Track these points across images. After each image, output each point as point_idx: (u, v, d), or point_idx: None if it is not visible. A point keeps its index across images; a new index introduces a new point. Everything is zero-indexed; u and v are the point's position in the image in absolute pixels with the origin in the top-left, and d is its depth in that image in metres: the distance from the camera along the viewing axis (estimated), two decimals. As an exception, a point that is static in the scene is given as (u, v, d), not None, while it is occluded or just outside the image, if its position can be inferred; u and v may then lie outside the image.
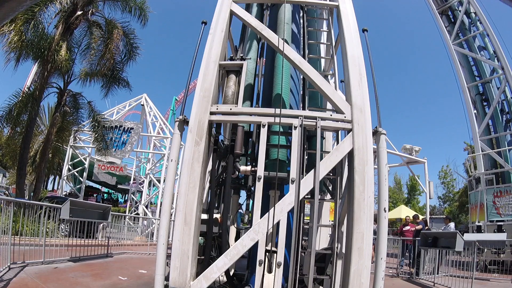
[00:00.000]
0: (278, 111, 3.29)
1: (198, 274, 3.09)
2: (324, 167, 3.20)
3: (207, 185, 3.98)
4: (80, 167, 17.43)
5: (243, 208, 5.15)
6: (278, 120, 3.28)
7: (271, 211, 3.03)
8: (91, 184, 27.47)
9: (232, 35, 5.17)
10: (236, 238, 4.88)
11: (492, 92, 15.10)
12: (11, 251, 5.54)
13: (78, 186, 17.70)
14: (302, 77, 4.74)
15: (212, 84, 3.46)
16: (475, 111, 15.37)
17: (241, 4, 4.30)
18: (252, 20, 4.09)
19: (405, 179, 33.85)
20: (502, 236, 10.49)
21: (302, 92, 4.82)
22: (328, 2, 4.42)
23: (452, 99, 62.64)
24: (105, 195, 31.70)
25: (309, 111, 3.81)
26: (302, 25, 5.45)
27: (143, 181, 19.96)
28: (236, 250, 3.04)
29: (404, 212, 19.96)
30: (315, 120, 3.35)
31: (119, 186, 27.73)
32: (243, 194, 5.14)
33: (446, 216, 16.61)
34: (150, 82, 73.92)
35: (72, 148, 16.67)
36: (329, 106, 4.50)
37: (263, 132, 3.33)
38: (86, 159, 17.40)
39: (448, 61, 16.43)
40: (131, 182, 21.49)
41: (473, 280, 7.41)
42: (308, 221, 3.95)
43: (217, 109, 3.45)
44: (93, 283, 5.41)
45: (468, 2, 15.82)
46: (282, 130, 3.67)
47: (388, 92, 61.25)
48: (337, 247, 3.58)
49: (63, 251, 6.84)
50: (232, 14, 4.03)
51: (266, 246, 3.16)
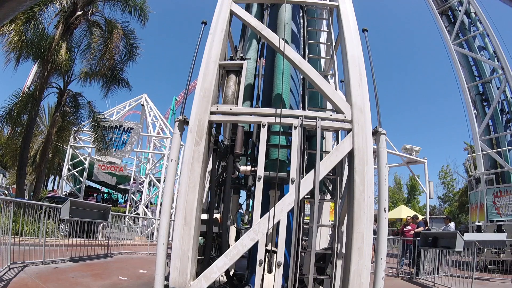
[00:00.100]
0: (278, 111, 3.28)
1: (198, 274, 3.09)
2: (324, 167, 3.20)
3: (207, 185, 3.97)
4: (80, 167, 17.44)
5: (243, 208, 5.15)
6: (278, 120, 3.28)
7: (271, 211, 3.02)
8: (91, 184, 27.49)
9: (232, 35, 5.16)
10: (236, 238, 4.87)
11: (492, 92, 15.11)
12: (11, 251, 5.54)
13: (78, 186, 17.72)
14: (302, 77, 4.73)
15: (212, 84, 3.46)
16: (475, 111, 15.37)
17: (241, 4, 4.29)
18: (252, 20, 4.08)
19: (405, 179, 33.99)
20: (502, 236, 10.49)
21: (302, 92, 4.81)
22: (328, 2, 4.41)
23: (452, 99, 62.65)
24: (105, 195, 31.71)
25: (309, 111, 3.79)
26: (302, 25, 5.44)
27: (143, 181, 19.97)
28: (236, 250, 3.03)
29: (404, 212, 19.99)
30: (315, 120, 3.34)
31: (119, 186, 27.75)
32: (243, 194, 5.14)
33: (446, 216, 16.63)
34: (150, 82, 74.07)
35: (72, 148, 16.67)
36: (329, 106, 4.49)
37: (263, 132, 3.32)
38: (86, 159, 17.41)
39: (448, 61, 16.48)
40: (131, 182, 21.50)
41: (473, 280, 7.41)
42: (308, 221, 3.94)
43: (217, 109, 3.44)
44: (93, 283, 5.41)
45: (468, 2, 15.82)
46: (282, 130, 3.66)
47: (388, 92, 61.37)
48: (337, 247, 3.58)
49: (63, 251, 6.85)
50: (232, 14, 4.02)
51: (266, 246, 3.16)
